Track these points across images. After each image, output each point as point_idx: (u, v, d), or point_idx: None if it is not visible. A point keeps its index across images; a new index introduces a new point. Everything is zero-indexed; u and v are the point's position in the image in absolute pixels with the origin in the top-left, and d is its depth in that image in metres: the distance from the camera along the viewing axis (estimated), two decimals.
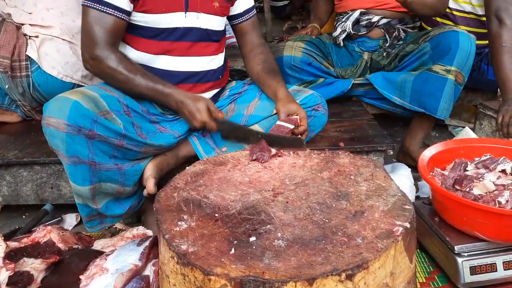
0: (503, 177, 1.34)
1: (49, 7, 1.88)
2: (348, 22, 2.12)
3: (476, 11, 2.20)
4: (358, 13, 2.10)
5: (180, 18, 1.51)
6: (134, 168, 1.49)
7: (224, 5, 1.62)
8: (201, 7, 1.54)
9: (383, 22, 2.08)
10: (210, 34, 1.59)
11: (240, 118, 1.64)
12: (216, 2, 1.57)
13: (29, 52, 1.84)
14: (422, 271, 1.41)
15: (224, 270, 0.85)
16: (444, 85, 1.83)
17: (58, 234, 1.40)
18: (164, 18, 1.49)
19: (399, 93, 1.97)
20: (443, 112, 1.87)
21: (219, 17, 1.61)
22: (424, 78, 1.88)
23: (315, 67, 2.09)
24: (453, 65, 1.81)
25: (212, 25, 1.58)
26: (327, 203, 1.06)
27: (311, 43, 2.13)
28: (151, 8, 1.47)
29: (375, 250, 0.88)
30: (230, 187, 1.16)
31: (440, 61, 1.84)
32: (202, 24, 1.55)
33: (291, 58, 2.05)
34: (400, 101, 1.97)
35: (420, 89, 1.88)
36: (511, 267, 1.30)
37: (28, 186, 1.70)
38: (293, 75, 2.04)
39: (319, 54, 2.14)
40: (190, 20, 1.53)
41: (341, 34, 2.15)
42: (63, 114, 1.27)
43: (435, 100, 1.86)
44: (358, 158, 1.28)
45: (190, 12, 1.52)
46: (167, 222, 1.01)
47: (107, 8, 1.41)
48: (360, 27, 2.12)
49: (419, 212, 1.46)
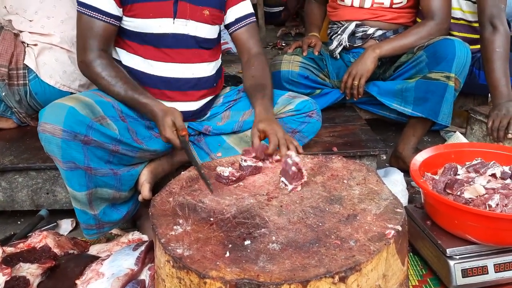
0: (493, 181, 1.36)
1: (49, 15, 1.89)
2: (344, 35, 2.14)
3: (466, 17, 2.24)
4: (354, 25, 2.12)
5: (168, 24, 1.52)
6: (129, 173, 1.50)
7: (215, 14, 1.62)
8: (190, 14, 1.55)
9: (378, 34, 2.11)
10: (199, 42, 1.59)
11: (235, 124, 1.65)
12: (206, 10, 1.58)
13: (27, 61, 1.85)
14: (415, 274, 1.43)
15: (219, 273, 0.86)
16: (445, 91, 1.85)
17: (54, 239, 1.41)
18: (152, 23, 1.50)
19: (399, 100, 1.98)
20: (444, 118, 1.89)
21: (209, 25, 1.61)
22: (425, 85, 1.90)
23: (312, 80, 2.11)
24: (452, 72, 1.82)
25: (201, 32, 1.59)
26: (321, 207, 1.08)
27: (308, 57, 2.15)
28: (139, 13, 1.49)
29: (368, 252, 0.90)
30: (225, 192, 1.18)
31: (437, 69, 1.86)
32: (190, 31, 1.56)
33: (289, 73, 2.07)
34: (401, 108, 1.98)
35: (423, 96, 1.90)
36: (502, 270, 1.31)
37: (23, 192, 1.70)
38: (291, 88, 2.05)
39: (315, 66, 2.15)
40: (179, 27, 1.54)
41: (338, 47, 2.17)
42: (59, 120, 1.28)
43: (437, 106, 1.88)
44: (351, 163, 1.30)
45: (178, 19, 1.53)
46: (163, 226, 1.03)
47: (96, 13, 1.45)
48: (355, 39, 2.14)
49: (411, 216, 1.48)
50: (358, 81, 1.99)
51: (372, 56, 1.97)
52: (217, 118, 1.72)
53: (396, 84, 2.01)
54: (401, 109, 1.98)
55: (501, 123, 1.85)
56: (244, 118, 1.66)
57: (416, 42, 1.96)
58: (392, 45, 1.99)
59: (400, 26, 2.12)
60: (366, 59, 1.97)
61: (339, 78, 2.19)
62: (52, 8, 1.89)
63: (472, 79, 2.25)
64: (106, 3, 1.45)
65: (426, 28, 1.97)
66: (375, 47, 1.98)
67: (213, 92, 1.71)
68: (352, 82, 2.01)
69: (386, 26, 2.11)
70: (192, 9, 1.55)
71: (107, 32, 1.48)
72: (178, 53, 1.56)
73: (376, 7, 2.09)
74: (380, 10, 2.09)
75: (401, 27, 2.12)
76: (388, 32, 2.10)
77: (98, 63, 1.46)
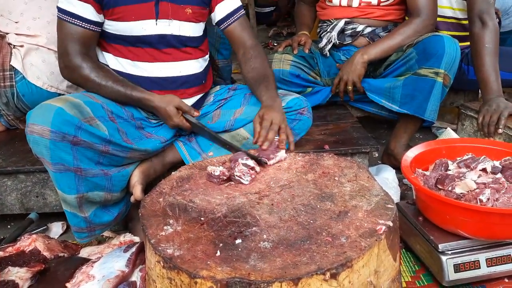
0: (483, 176, 1.37)
1: (35, 16, 1.87)
2: (334, 32, 2.15)
3: (457, 15, 2.25)
4: (343, 22, 2.12)
5: (151, 26, 1.52)
6: (120, 174, 1.48)
7: (198, 11, 1.61)
8: (173, 14, 1.54)
9: (368, 31, 2.11)
10: (184, 40, 1.58)
11: (226, 123, 1.64)
12: (188, 9, 1.57)
13: (13, 62, 1.82)
14: (408, 270, 1.43)
15: (210, 272, 0.85)
16: (433, 87, 1.85)
17: (43, 242, 1.39)
18: (135, 25, 1.50)
19: (387, 98, 1.99)
20: (431, 114, 1.90)
21: (193, 23, 1.60)
22: (413, 82, 1.90)
23: (303, 78, 2.11)
24: (441, 68, 1.83)
25: (185, 31, 1.58)
26: (312, 204, 1.08)
27: (298, 55, 2.15)
28: (121, 16, 1.49)
29: (359, 248, 0.89)
30: (215, 191, 1.17)
31: (427, 65, 1.86)
32: (174, 30, 1.55)
33: (280, 71, 2.06)
34: (389, 105, 2.00)
35: (410, 93, 1.91)
36: (494, 264, 1.32)
37: (12, 195, 1.68)
38: (282, 87, 2.05)
39: (306, 65, 2.15)
40: (162, 28, 1.53)
41: (327, 44, 2.18)
42: (46, 121, 1.27)
43: (424, 102, 1.89)
44: (342, 160, 1.30)
45: (161, 20, 1.52)
46: (153, 227, 1.02)
47: (75, 19, 1.46)
48: (345, 37, 2.15)
49: (403, 212, 1.48)
50: (352, 87, 2.03)
51: (361, 61, 1.99)
52: (208, 117, 1.71)
53: (385, 82, 2.02)
54: (389, 106, 2.00)
55: (491, 118, 1.86)
56: (235, 116, 1.65)
57: (404, 41, 1.97)
58: (381, 47, 2.00)
59: (389, 23, 2.12)
60: (356, 65, 1.99)
61: (330, 76, 2.20)
62: (37, 9, 1.87)
63: (461, 75, 2.26)
64: (85, 10, 1.45)
65: (412, 26, 1.98)
66: (364, 52, 1.99)
67: (202, 89, 1.70)
68: (344, 86, 2.04)
69: (375, 23, 2.11)
70: (174, 9, 1.54)
71: (88, 38, 1.49)
72: (164, 53, 1.56)
73: (364, 5, 2.09)
74: (369, 7, 2.10)
75: (391, 23, 2.13)
76: (378, 29, 2.11)
77: (85, 66, 1.46)
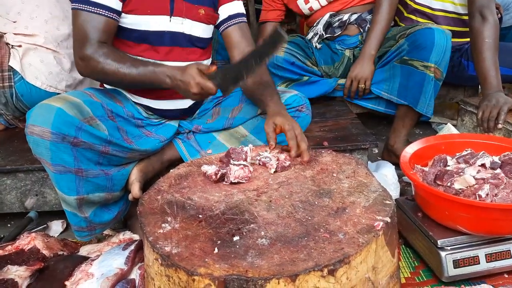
0: (482, 171, 1.36)
1: (33, 15, 1.86)
2: (319, 25, 2.20)
3: (458, 10, 2.23)
4: (328, 15, 2.18)
5: (165, 22, 1.50)
6: (120, 173, 1.48)
7: (210, 14, 1.60)
8: (186, 13, 1.53)
9: (354, 17, 2.17)
10: (194, 40, 1.58)
11: (225, 121, 1.64)
12: (202, 9, 1.56)
13: (12, 62, 1.82)
14: (407, 266, 1.43)
15: (207, 270, 0.85)
16: (424, 80, 1.90)
17: (42, 241, 1.39)
18: (149, 20, 1.47)
19: (387, 87, 2.05)
20: (424, 107, 1.94)
21: (204, 24, 1.59)
22: (408, 73, 1.95)
23: (298, 66, 2.13)
24: (430, 61, 1.87)
25: (196, 31, 1.57)
26: (310, 201, 1.08)
27: (293, 43, 2.17)
28: (136, 8, 1.45)
29: (357, 245, 0.89)
30: (214, 188, 1.17)
31: (417, 57, 1.91)
32: (186, 29, 1.54)
33: (274, 57, 2.07)
34: (387, 96, 2.05)
35: (405, 83, 1.96)
36: (494, 259, 1.32)
37: (12, 194, 1.68)
38: (277, 73, 2.08)
39: (301, 53, 2.17)
40: (175, 25, 1.52)
41: (314, 37, 2.23)
42: (47, 122, 1.26)
43: (417, 94, 1.94)
44: (340, 156, 1.30)
45: (175, 17, 1.51)
46: (151, 224, 1.02)
47: (97, 8, 1.38)
48: (334, 29, 2.19)
49: (402, 208, 1.48)
50: (364, 84, 2.09)
51: (368, 58, 2.07)
52: (207, 115, 1.71)
53: (383, 71, 2.07)
54: (388, 97, 2.05)
55: (491, 114, 1.85)
56: (233, 114, 1.65)
57: (388, 20, 2.07)
58: (375, 38, 2.07)
59: (371, 4, 2.18)
60: (364, 63, 2.07)
61: (327, 64, 2.24)
62: (35, 8, 1.86)
63: (461, 70, 2.25)
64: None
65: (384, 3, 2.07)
66: (365, 50, 2.08)
67: None
68: (357, 85, 2.10)
69: (359, 9, 2.19)
70: (188, 7, 1.53)
71: (109, 27, 1.42)
72: (171, 51, 1.54)
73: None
74: None
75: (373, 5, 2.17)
76: (364, 14, 2.17)
77: (100, 53, 1.38)
